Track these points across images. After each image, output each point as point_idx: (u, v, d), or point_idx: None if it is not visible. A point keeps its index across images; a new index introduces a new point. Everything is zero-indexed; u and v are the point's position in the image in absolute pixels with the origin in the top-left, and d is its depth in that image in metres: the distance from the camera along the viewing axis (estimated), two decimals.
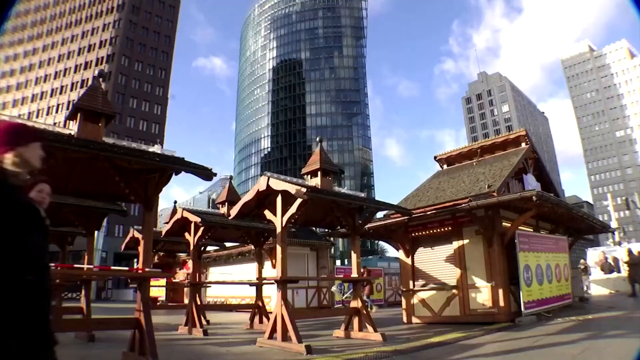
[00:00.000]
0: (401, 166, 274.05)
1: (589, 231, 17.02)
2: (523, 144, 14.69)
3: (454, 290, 11.41)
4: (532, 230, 12.92)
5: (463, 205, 10.78)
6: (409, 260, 12.71)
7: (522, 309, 10.22)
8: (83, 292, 9.86)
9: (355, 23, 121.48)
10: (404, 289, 12.78)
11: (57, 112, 73.01)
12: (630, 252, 18.71)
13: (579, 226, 15.27)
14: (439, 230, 12.08)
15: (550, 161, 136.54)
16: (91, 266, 9.68)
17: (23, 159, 2.11)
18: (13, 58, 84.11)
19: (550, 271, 12.11)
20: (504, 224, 11.20)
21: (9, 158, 2.06)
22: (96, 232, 10.54)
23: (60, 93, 75.26)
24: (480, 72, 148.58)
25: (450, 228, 11.80)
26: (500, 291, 10.53)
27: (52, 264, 7.67)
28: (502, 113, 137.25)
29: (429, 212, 11.65)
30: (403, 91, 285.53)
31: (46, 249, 2.18)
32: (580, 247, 27.16)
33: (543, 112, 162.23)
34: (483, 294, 10.86)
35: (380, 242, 65.17)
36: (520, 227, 11.13)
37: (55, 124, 59.03)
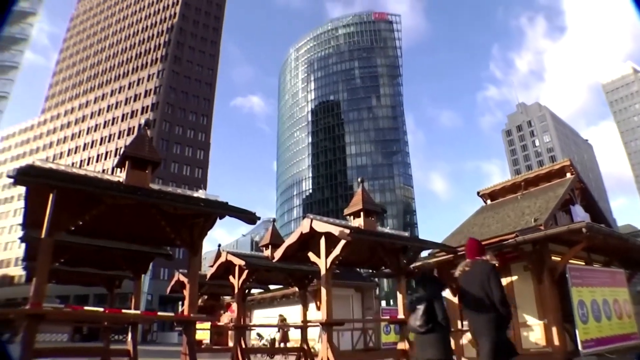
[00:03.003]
0: (446, 200, 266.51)
1: None
2: (568, 174, 14.34)
3: None
4: (584, 263, 12.41)
5: (509, 240, 10.54)
6: (456, 299, 12.39)
7: (580, 348, 9.72)
8: (130, 334, 10.03)
9: (390, 62, 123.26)
10: (452, 330, 12.41)
11: (105, 159, 76.73)
12: None
13: (636, 257, 14.56)
14: None
15: (598, 189, 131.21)
16: (138, 311, 9.89)
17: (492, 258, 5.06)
18: (70, 111, 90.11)
19: (608, 307, 11.50)
20: (553, 258, 10.83)
21: (492, 257, 5.04)
22: (143, 275, 10.78)
23: (109, 141, 79.28)
24: (518, 103, 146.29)
25: (497, 264, 11.48)
26: (554, 329, 10.10)
27: (101, 308, 7.91)
28: (544, 143, 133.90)
29: None
30: (446, 122, 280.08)
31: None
32: None
33: (587, 140, 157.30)
34: (535, 333, 10.44)
35: None
36: (570, 261, 10.74)
37: (103, 170, 61.99)
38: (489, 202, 15.99)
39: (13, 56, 73.18)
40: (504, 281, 11.21)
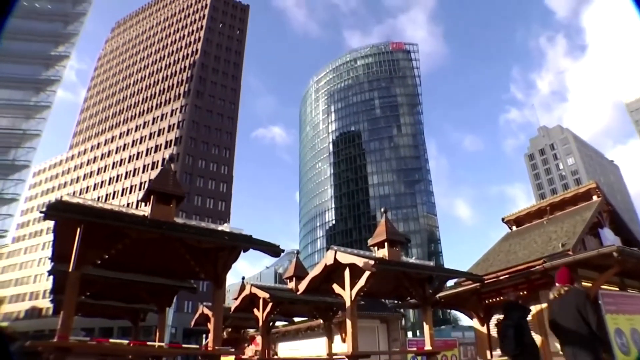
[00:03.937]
0: (471, 226, 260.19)
1: None
2: (595, 197, 14.05)
3: None
4: (617, 289, 12.00)
5: (537, 267, 10.30)
6: (484, 329, 12.09)
7: None
8: None
9: (409, 91, 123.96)
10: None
11: (130, 192, 78.09)
12: None
13: None
14: None
15: (628, 211, 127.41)
16: (163, 344, 9.88)
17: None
18: (96, 147, 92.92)
19: None
20: (584, 284, 10.50)
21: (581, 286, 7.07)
22: (167, 308, 10.81)
23: (134, 175, 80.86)
24: (540, 126, 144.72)
25: (525, 292, 11.21)
26: None
27: (126, 341, 7.93)
28: (568, 166, 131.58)
29: (501, 277, 11.18)
30: (468, 146, 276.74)
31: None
32: None
33: (612, 160, 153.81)
34: None
35: (453, 311, 62.22)
36: (602, 287, 10.41)
37: (128, 204, 62.97)
38: (514, 228, 15.72)
39: (47, 96, 76.16)
40: (534, 309, 10.95)
